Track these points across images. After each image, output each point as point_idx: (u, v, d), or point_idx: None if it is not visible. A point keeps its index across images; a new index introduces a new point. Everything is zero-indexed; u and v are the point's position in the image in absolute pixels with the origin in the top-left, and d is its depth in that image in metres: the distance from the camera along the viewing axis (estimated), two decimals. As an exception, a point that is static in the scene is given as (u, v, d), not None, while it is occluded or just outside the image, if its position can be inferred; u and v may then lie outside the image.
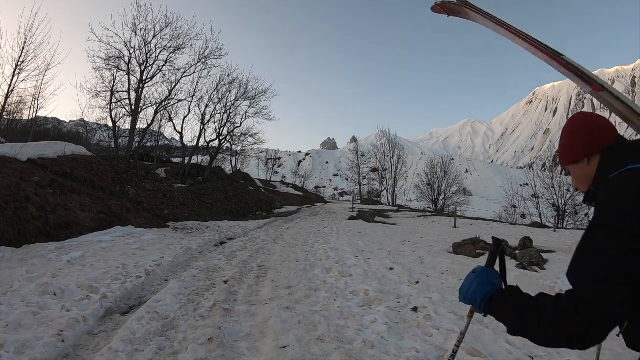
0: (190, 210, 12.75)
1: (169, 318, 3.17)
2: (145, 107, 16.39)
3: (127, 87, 15.38)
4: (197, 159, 24.87)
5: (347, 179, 50.38)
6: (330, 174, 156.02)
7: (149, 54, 15.39)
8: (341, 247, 7.54)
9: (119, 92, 15.43)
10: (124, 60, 15.09)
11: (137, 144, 17.00)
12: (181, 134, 19.27)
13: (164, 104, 17.08)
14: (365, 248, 7.64)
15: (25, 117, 16.27)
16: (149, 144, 20.82)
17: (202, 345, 2.63)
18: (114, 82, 15.20)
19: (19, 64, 12.51)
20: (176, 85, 17.21)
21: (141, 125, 16.91)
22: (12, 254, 4.93)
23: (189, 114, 19.41)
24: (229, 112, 20.96)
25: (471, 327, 3.18)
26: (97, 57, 14.82)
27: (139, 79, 15.41)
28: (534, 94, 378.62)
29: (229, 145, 25.86)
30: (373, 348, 2.69)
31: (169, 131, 29.02)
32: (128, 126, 16.59)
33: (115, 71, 15.18)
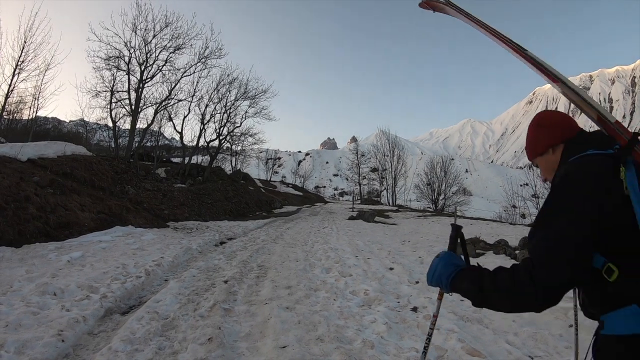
0: (190, 210, 12.75)
1: (168, 318, 3.17)
2: (145, 107, 16.44)
3: (127, 87, 15.42)
4: (197, 159, 24.89)
5: (347, 179, 50.40)
6: (330, 174, 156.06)
7: (149, 54, 15.43)
8: (341, 247, 7.54)
9: (118, 92, 15.46)
10: (124, 60, 15.12)
11: (137, 144, 17.00)
12: (181, 133, 19.31)
13: (164, 103, 17.10)
14: (365, 248, 7.64)
15: (25, 117, 16.28)
16: (149, 144, 20.83)
17: (202, 345, 2.63)
18: (114, 82, 15.24)
19: (19, 63, 12.52)
20: (176, 85, 17.26)
21: (141, 125, 16.95)
22: (12, 254, 4.94)
23: (188, 113, 19.47)
24: (229, 112, 21.00)
25: (471, 327, 3.19)
26: (97, 56, 14.86)
27: (138, 78, 15.42)
28: (534, 94, 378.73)
29: (229, 145, 25.90)
30: (373, 348, 2.69)
31: (169, 131, 29.04)
32: (128, 126, 16.63)
33: (115, 71, 15.21)
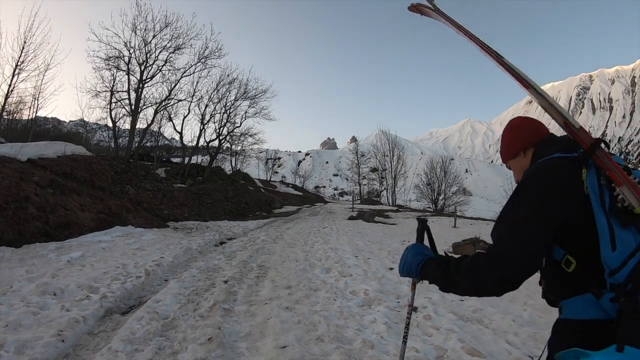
0: (190, 210, 12.75)
1: (168, 318, 3.17)
2: (145, 107, 16.41)
3: (126, 87, 15.41)
4: (197, 159, 24.88)
5: (347, 179, 50.39)
6: (330, 174, 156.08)
7: (148, 54, 15.42)
8: (341, 247, 7.54)
9: (118, 92, 15.44)
10: (124, 60, 15.11)
11: (137, 144, 17.00)
12: (181, 133, 19.29)
13: (163, 103, 17.09)
14: (365, 248, 7.64)
15: (25, 117, 16.25)
16: (148, 144, 20.82)
17: (202, 345, 2.63)
18: (114, 82, 15.22)
19: (19, 64, 12.50)
20: (176, 85, 17.24)
21: (141, 125, 16.93)
22: (12, 254, 4.94)
23: (188, 113, 19.43)
24: (228, 112, 20.98)
25: (471, 327, 3.19)
26: (97, 57, 14.84)
27: (138, 78, 15.41)
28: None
29: (229, 145, 25.87)
30: (373, 348, 2.69)
31: (168, 131, 28.98)
32: (128, 126, 16.61)
33: (115, 71, 15.20)
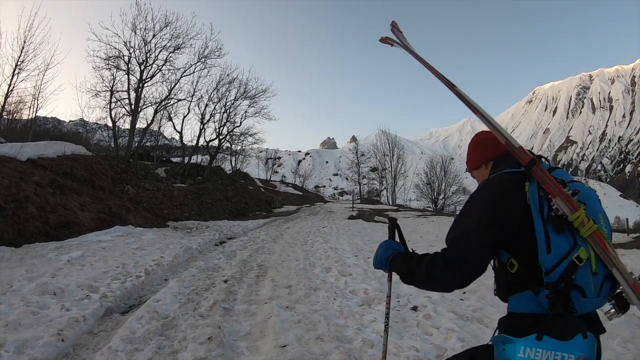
0: (189, 210, 12.75)
1: (168, 317, 3.17)
2: (145, 106, 16.41)
3: (126, 86, 15.41)
4: (197, 159, 24.87)
5: (347, 179, 50.42)
6: (330, 174, 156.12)
7: (148, 54, 15.41)
8: (341, 246, 7.54)
9: (118, 91, 15.45)
10: (124, 60, 15.11)
11: (136, 144, 16.99)
12: (181, 133, 19.29)
13: (163, 103, 17.09)
14: (364, 247, 7.64)
15: (25, 117, 16.22)
16: (148, 144, 20.82)
17: (202, 345, 2.63)
18: (114, 82, 15.22)
19: (19, 63, 12.50)
20: (176, 84, 17.24)
21: (141, 124, 16.93)
22: (12, 254, 4.94)
23: (188, 113, 19.41)
24: (228, 111, 20.97)
25: (471, 327, 3.19)
26: (97, 56, 14.84)
27: (138, 78, 15.41)
28: (533, 93, 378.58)
29: (229, 145, 25.87)
30: (372, 347, 2.69)
31: (168, 131, 28.99)
32: (128, 126, 16.61)
33: (115, 71, 15.20)
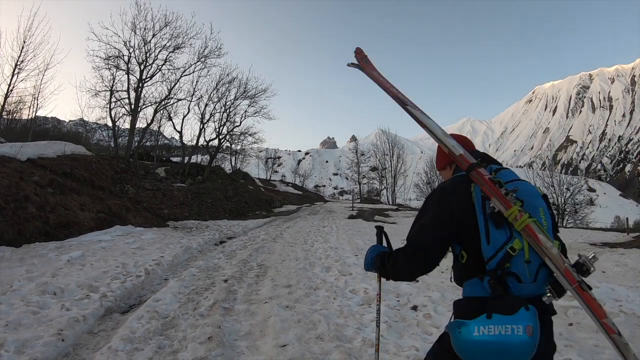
0: (189, 210, 12.76)
1: (168, 317, 3.17)
2: (144, 106, 16.38)
3: (126, 86, 15.38)
4: (197, 158, 24.84)
5: (347, 178, 50.43)
6: (329, 173, 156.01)
7: (148, 53, 15.38)
8: (341, 245, 7.54)
9: (118, 91, 15.42)
10: (124, 60, 15.08)
11: (136, 144, 16.96)
12: (181, 133, 19.26)
13: (163, 103, 17.06)
14: (364, 247, 7.64)
15: (25, 117, 16.21)
16: (148, 143, 20.77)
17: (202, 344, 2.63)
18: (114, 82, 15.19)
19: (19, 63, 12.48)
20: (175, 84, 17.20)
21: (141, 124, 16.89)
22: (12, 254, 4.94)
23: (188, 113, 19.35)
24: (228, 111, 20.93)
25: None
26: (97, 56, 14.80)
27: (138, 78, 15.38)
28: (533, 92, 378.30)
29: (229, 145, 25.82)
30: (373, 346, 2.69)
31: (168, 130, 29.05)
32: (127, 125, 16.59)
33: (115, 70, 15.17)
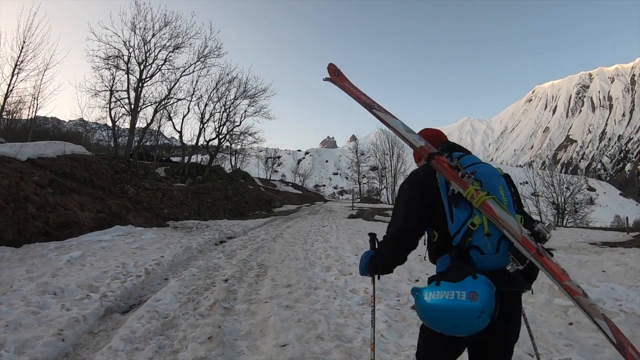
0: (189, 209, 12.76)
1: (169, 317, 3.17)
2: (144, 106, 16.42)
3: (126, 86, 15.41)
4: (197, 158, 24.85)
5: (347, 178, 50.45)
6: (329, 173, 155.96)
7: (148, 53, 15.41)
8: (341, 245, 7.54)
9: (118, 91, 15.45)
10: (123, 60, 15.11)
11: (136, 143, 16.98)
12: (180, 133, 19.28)
13: (163, 103, 17.08)
14: (364, 246, 7.64)
15: (25, 117, 16.23)
16: (148, 143, 20.79)
17: (202, 344, 2.63)
18: (113, 82, 15.22)
19: (18, 63, 12.50)
20: (175, 84, 17.23)
21: (140, 124, 16.93)
22: (12, 254, 4.94)
23: (188, 112, 19.38)
24: (228, 110, 20.96)
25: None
26: (96, 56, 14.85)
27: (138, 78, 15.40)
28: (533, 92, 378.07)
29: (229, 144, 25.85)
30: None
31: (168, 130, 29.10)
32: (127, 125, 16.62)
33: (115, 70, 15.20)
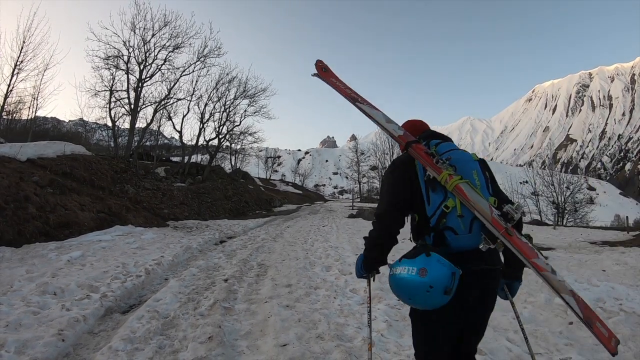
0: (189, 209, 12.76)
1: (169, 317, 3.17)
2: (144, 106, 16.38)
3: (126, 86, 15.38)
4: (197, 158, 24.85)
5: (347, 177, 50.45)
6: (329, 172, 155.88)
7: (147, 53, 15.38)
8: (341, 245, 7.54)
9: (118, 91, 15.41)
10: (123, 60, 15.08)
11: (136, 143, 16.97)
12: (180, 132, 19.26)
13: (163, 102, 17.06)
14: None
15: (25, 117, 16.20)
16: (148, 143, 20.80)
17: (202, 344, 2.63)
18: (113, 82, 15.19)
19: (18, 63, 12.48)
20: (175, 84, 17.20)
21: (140, 124, 16.91)
22: (12, 254, 4.94)
23: (188, 112, 19.34)
24: (228, 110, 20.93)
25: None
26: (96, 56, 14.80)
27: (138, 78, 15.37)
28: (533, 91, 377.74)
29: (229, 144, 25.85)
30: (373, 346, 2.69)
31: (168, 130, 29.13)
32: (127, 125, 16.61)
33: (114, 70, 15.17)
